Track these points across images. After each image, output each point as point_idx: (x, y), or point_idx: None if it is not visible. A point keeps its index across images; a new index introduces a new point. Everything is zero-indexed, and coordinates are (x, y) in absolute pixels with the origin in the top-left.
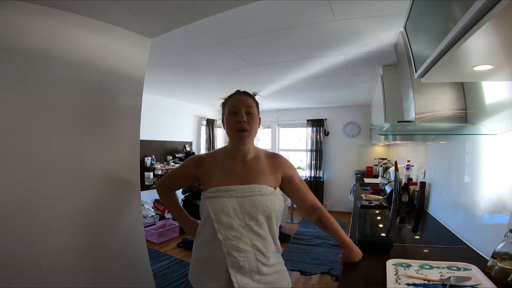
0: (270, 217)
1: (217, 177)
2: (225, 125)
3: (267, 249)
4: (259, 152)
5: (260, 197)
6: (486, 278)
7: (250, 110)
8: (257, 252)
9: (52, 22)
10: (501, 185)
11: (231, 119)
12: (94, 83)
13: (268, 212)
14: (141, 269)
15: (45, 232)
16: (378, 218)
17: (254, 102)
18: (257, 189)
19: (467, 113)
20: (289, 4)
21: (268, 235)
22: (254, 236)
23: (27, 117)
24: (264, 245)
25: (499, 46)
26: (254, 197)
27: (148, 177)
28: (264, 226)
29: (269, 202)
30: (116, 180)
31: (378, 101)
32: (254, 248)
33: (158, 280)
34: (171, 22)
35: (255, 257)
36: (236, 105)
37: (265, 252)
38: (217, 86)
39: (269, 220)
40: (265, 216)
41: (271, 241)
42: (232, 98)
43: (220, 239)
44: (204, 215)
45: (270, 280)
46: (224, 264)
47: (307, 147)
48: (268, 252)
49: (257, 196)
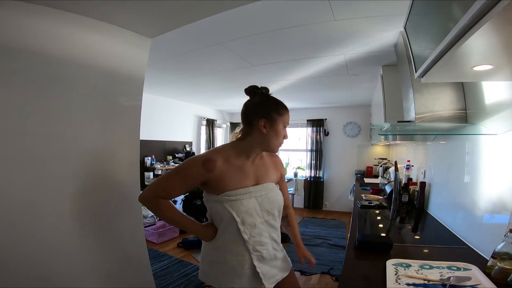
0: (280, 209)
1: (233, 179)
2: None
3: (279, 237)
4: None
5: (272, 194)
6: (486, 278)
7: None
8: (273, 242)
9: (52, 22)
10: (501, 185)
11: (281, 134)
12: (94, 83)
13: (279, 205)
14: (141, 269)
15: (44, 232)
16: (378, 218)
17: None
18: (269, 186)
19: (467, 113)
20: (289, 4)
21: (278, 225)
22: (271, 229)
23: (27, 117)
24: (277, 235)
25: (499, 46)
26: (269, 194)
27: (148, 177)
28: (277, 219)
29: (279, 196)
30: (116, 180)
31: (378, 101)
32: (271, 240)
33: (158, 280)
34: (171, 22)
35: (272, 247)
36: (288, 123)
37: (278, 241)
38: (217, 86)
39: (279, 212)
40: (278, 209)
41: (279, 229)
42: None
43: (246, 239)
44: (226, 218)
45: (280, 265)
46: (248, 260)
47: (307, 147)
48: (279, 238)
49: (270, 193)
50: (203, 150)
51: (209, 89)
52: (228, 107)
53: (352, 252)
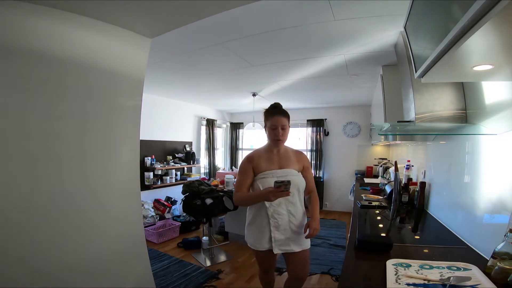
0: (299, 189)
1: (263, 165)
2: (267, 132)
3: (297, 212)
4: (287, 148)
5: (292, 177)
6: (486, 278)
7: (284, 127)
8: (290, 215)
9: (52, 22)
10: (501, 185)
11: (271, 133)
12: (94, 83)
13: (298, 186)
14: (141, 269)
15: (43, 231)
16: (378, 218)
17: (287, 118)
18: (290, 172)
19: (467, 113)
20: (289, 4)
21: (297, 202)
22: (288, 203)
23: (27, 117)
24: (295, 210)
25: (499, 46)
26: (288, 176)
27: (148, 177)
28: (295, 196)
29: (297, 179)
30: (116, 180)
31: (378, 101)
32: (288, 212)
33: (158, 280)
34: (171, 22)
35: (288, 219)
36: (275, 124)
37: (296, 215)
38: (217, 86)
39: (298, 192)
40: (296, 189)
41: (299, 206)
42: (273, 118)
43: (267, 206)
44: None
45: (294, 238)
46: (268, 225)
47: (307, 147)
48: (298, 214)
49: (290, 176)
50: (203, 150)
51: (209, 89)
52: (228, 107)
53: (352, 252)
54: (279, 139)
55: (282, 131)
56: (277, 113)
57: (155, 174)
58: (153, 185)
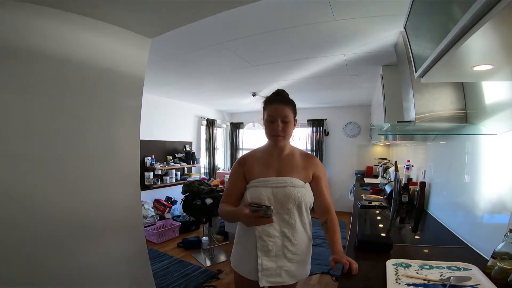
0: (300, 206)
1: (257, 170)
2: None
3: (295, 236)
4: (294, 150)
5: (291, 188)
6: (486, 278)
7: (285, 119)
8: (285, 238)
9: (52, 22)
10: (501, 185)
11: (269, 126)
12: (95, 83)
13: (298, 201)
14: (141, 269)
15: (43, 231)
16: (378, 218)
17: (291, 109)
18: (290, 181)
19: (467, 113)
20: (289, 4)
21: (297, 224)
22: (283, 223)
23: (27, 117)
24: (292, 233)
25: (499, 46)
26: (286, 188)
27: (148, 177)
28: (294, 215)
29: (299, 193)
30: (116, 180)
31: (378, 101)
32: (282, 235)
33: (158, 280)
34: (171, 22)
35: (282, 243)
36: (274, 114)
37: (292, 239)
38: (217, 86)
39: (299, 209)
40: (295, 205)
41: (301, 229)
42: (272, 106)
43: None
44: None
45: (291, 269)
46: (255, 248)
47: (307, 147)
48: (296, 239)
49: (289, 187)
50: (203, 150)
51: (209, 89)
52: (228, 107)
53: (352, 252)
54: (278, 135)
55: (283, 125)
56: (278, 101)
57: (155, 174)
58: (153, 185)
